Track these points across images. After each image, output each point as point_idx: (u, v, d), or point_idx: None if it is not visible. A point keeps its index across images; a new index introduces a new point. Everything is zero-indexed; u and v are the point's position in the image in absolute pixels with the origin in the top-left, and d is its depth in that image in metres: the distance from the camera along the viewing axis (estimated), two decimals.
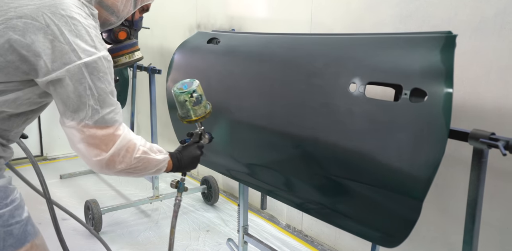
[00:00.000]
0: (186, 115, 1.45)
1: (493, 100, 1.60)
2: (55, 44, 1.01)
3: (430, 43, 1.22)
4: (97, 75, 1.06)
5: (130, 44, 1.43)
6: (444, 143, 1.11)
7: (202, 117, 1.45)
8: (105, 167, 1.13)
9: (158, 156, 1.25)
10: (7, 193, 1.13)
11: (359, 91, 1.28)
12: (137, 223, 2.83)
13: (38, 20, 1.01)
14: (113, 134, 1.11)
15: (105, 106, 1.09)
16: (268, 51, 1.69)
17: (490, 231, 1.64)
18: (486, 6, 1.58)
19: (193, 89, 1.40)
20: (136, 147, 1.17)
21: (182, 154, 1.39)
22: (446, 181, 1.75)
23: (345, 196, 1.42)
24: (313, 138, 1.43)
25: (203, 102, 1.44)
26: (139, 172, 1.22)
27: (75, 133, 1.09)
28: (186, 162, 1.39)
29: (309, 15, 2.35)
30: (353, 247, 2.32)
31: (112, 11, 1.25)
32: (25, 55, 1.02)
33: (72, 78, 1.03)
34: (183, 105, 1.42)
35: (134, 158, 1.16)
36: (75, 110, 1.07)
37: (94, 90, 1.06)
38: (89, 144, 1.10)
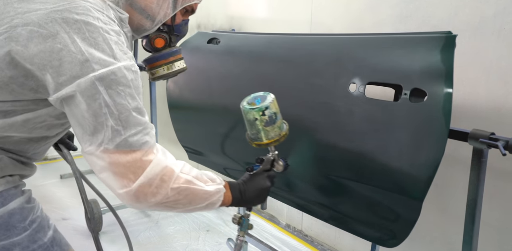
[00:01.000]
0: (255, 137, 1.20)
1: (493, 100, 1.60)
2: (64, 53, 0.85)
3: (430, 43, 1.22)
4: (116, 90, 0.87)
5: (169, 53, 1.20)
6: (444, 143, 1.11)
7: (276, 140, 1.19)
8: (135, 200, 0.92)
9: (209, 186, 1.03)
10: (24, 215, 0.99)
11: (359, 91, 1.28)
12: (137, 223, 2.83)
13: (46, 28, 0.85)
14: (140, 159, 0.91)
15: (128, 127, 0.89)
16: (268, 51, 1.70)
17: (489, 231, 1.64)
18: (485, 6, 1.58)
19: (266, 106, 1.15)
20: (174, 175, 0.95)
21: (246, 185, 1.15)
22: (446, 181, 1.75)
23: (345, 196, 1.42)
24: (313, 138, 1.43)
25: (278, 121, 1.18)
26: (183, 207, 1.00)
27: (96, 161, 0.91)
28: (251, 195, 1.14)
29: (309, 15, 2.35)
30: (353, 247, 2.32)
31: (147, 15, 1.06)
32: (29, 69, 0.86)
33: (83, 94, 0.86)
34: (252, 125, 1.17)
35: (171, 189, 0.95)
36: (92, 132, 0.88)
37: (113, 108, 0.87)
38: (113, 173, 0.90)
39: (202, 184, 1.02)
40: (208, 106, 1.87)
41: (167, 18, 1.11)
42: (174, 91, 2.04)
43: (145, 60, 1.22)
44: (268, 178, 1.21)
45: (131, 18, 1.04)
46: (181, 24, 1.18)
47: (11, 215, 0.97)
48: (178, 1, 1.10)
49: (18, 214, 0.98)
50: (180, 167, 0.99)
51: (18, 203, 0.99)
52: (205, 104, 1.88)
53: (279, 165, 1.27)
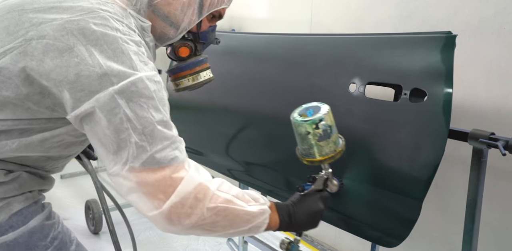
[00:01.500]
0: (307, 153, 1.07)
1: (493, 100, 1.60)
2: (81, 68, 0.79)
3: (430, 43, 1.22)
4: (138, 102, 0.80)
5: (195, 63, 1.11)
6: (444, 143, 1.12)
7: (330, 157, 1.06)
8: (169, 223, 0.83)
9: (251, 207, 0.92)
10: (45, 233, 0.94)
11: (359, 91, 1.28)
12: (137, 222, 2.83)
13: (62, 40, 0.80)
14: (170, 177, 0.82)
15: (154, 142, 0.81)
16: (268, 51, 1.70)
17: (489, 230, 1.65)
18: (485, 6, 1.58)
19: (320, 118, 1.02)
20: (209, 193, 0.86)
21: (296, 207, 1.03)
22: (446, 181, 1.76)
23: (344, 195, 1.42)
24: None
25: (333, 135, 1.05)
26: (223, 230, 0.89)
27: (122, 182, 0.82)
28: (302, 219, 1.02)
29: (309, 16, 2.36)
30: (353, 246, 2.32)
31: (170, 22, 0.99)
32: (45, 86, 0.81)
33: (102, 109, 0.79)
34: (304, 139, 1.05)
35: (207, 209, 0.85)
36: (115, 151, 0.81)
37: (136, 122, 0.80)
38: (142, 194, 0.82)
39: (243, 203, 0.91)
40: (208, 106, 1.87)
41: (192, 25, 1.03)
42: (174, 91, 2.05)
43: (169, 70, 1.14)
44: (320, 200, 1.07)
45: (153, 26, 0.98)
46: (208, 31, 1.09)
47: (31, 233, 0.93)
48: (204, 6, 1.02)
49: (38, 232, 0.94)
50: (217, 185, 0.90)
51: (38, 221, 0.94)
52: (205, 104, 1.89)
53: (333, 184, 1.15)
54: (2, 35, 0.85)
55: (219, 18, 1.11)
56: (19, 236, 0.91)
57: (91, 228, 2.70)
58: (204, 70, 1.14)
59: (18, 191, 0.93)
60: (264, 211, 0.95)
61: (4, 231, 0.90)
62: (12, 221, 0.90)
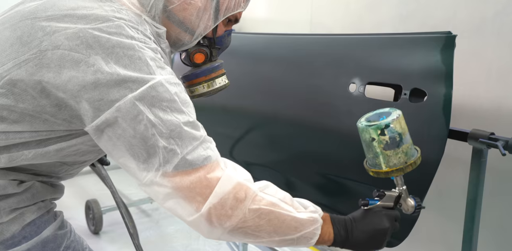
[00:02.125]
0: (373, 163, 0.97)
1: (493, 100, 1.60)
2: (99, 76, 0.76)
3: (429, 43, 1.22)
4: (160, 106, 0.78)
5: (210, 69, 1.07)
6: (444, 143, 1.12)
7: (399, 169, 0.94)
8: (209, 226, 0.80)
9: (300, 214, 0.86)
10: (58, 242, 0.93)
11: (359, 91, 1.29)
12: (137, 222, 2.83)
13: (78, 50, 0.77)
14: (206, 177, 0.79)
15: (183, 144, 0.79)
16: (268, 51, 1.70)
17: (489, 230, 1.65)
18: (485, 6, 1.59)
19: (387, 123, 0.92)
20: (250, 193, 0.82)
21: (356, 222, 0.93)
22: (445, 181, 1.76)
23: (344, 196, 1.42)
24: (313, 138, 1.43)
25: (404, 145, 0.94)
26: (268, 236, 0.84)
27: (158, 189, 0.80)
28: (361, 236, 0.91)
29: (309, 16, 2.36)
30: None
31: (185, 28, 0.97)
32: (62, 98, 0.79)
33: (125, 118, 0.77)
34: (369, 146, 0.96)
35: (249, 211, 0.81)
36: (145, 159, 0.79)
37: (161, 127, 0.78)
38: (179, 200, 0.80)
39: (291, 209, 0.86)
40: (208, 106, 1.87)
41: (208, 30, 1.00)
42: None
43: (184, 76, 1.10)
44: (386, 218, 0.95)
45: (168, 32, 0.96)
46: (223, 35, 1.06)
47: (45, 243, 0.92)
48: (220, 11, 0.98)
49: (52, 242, 0.93)
50: (261, 186, 0.86)
51: (51, 230, 0.93)
52: (205, 104, 1.89)
53: (408, 204, 0.98)
54: (16, 46, 0.82)
55: (235, 22, 1.07)
56: (32, 246, 0.90)
57: (91, 228, 2.70)
58: (220, 76, 1.10)
59: (31, 201, 0.91)
60: (315, 219, 0.88)
61: (18, 242, 0.88)
62: (25, 232, 0.89)
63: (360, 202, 0.98)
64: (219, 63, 1.10)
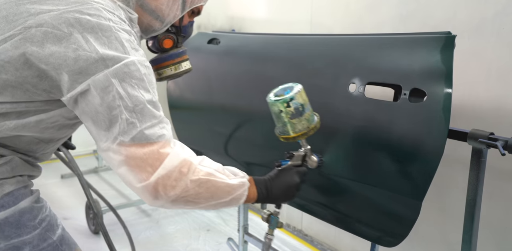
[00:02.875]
0: (282, 130, 1.15)
1: (492, 100, 1.60)
2: (79, 53, 0.86)
3: (429, 44, 1.22)
4: (130, 82, 0.88)
5: (177, 54, 1.21)
6: (443, 143, 1.12)
7: (303, 134, 1.13)
8: (154, 194, 0.90)
9: (232, 180, 1.00)
10: (34, 214, 1.00)
11: (359, 91, 1.29)
12: (137, 222, 2.83)
13: (60, 29, 0.87)
14: (158, 151, 0.90)
15: (144, 119, 0.89)
16: (268, 51, 1.70)
17: (489, 230, 1.65)
18: (485, 6, 1.59)
19: (291, 97, 1.09)
20: (193, 167, 0.94)
21: (273, 180, 1.11)
22: (445, 180, 1.76)
23: (344, 195, 1.42)
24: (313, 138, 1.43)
25: (306, 113, 1.12)
26: (205, 201, 0.97)
27: (112, 156, 0.89)
28: (278, 192, 1.09)
29: (309, 16, 2.36)
30: (352, 246, 2.32)
31: (156, 16, 1.08)
32: (44, 70, 0.87)
33: (96, 87, 0.87)
34: (278, 117, 1.12)
35: (191, 181, 0.93)
36: (107, 127, 0.88)
37: (127, 100, 0.88)
38: (131, 167, 0.89)
39: (224, 176, 1.00)
40: (208, 106, 1.88)
41: (176, 19, 1.13)
42: (175, 91, 2.05)
43: (152, 60, 1.21)
44: (297, 174, 1.14)
45: (140, 19, 1.06)
46: (188, 25, 1.20)
47: (22, 214, 0.98)
48: (186, 2, 1.11)
49: (28, 213, 0.98)
50: (199, 160, 0.98)
51: (28, 202, 0.99)
52: (205, 104, 1.89)
53: (312, 160, 1.19)
54: (1, 24, 0.91)
55: (197, 14, 1.21)
56: (10, 215, 0.96)
57: (92, 227, 2.70)
58: (185, 61, 1.23)
59: (10, 173, 0.98)
60: (244, 183, 1.03)
61: None
62: (3, 201, 0.95)
63: (275, 164, 1.15)
64: (184, 49, 1.23)
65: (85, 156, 4.03)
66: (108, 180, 3.55)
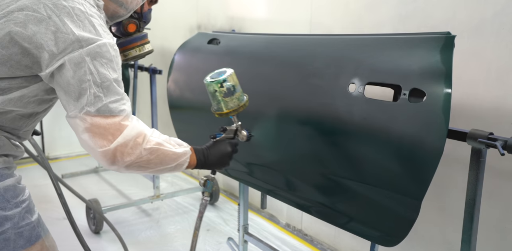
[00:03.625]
0: (217, 108, 1.34)
1: (491, 100, 1.61)
2: (58, 35, 0.99)
3: (429, 44, 1.23)
4: (100, 61, 1.02)
5: (140, 37, 1.38)
6: (443, 143, 1.12)
7: (234, 110, 1.33)
8: (112, 159, 1.04)
9: (177, 149, 1.16)
10: (16, 193, 1.10)
11: (359, 91, 1.29)
12: (138, 222, 2.84)
13: (40, 12, 1.00)
14: (119, 123, 1.04)
15: (109, 94, 1.03)
16: (268, 51, 1.70)
17: (488, 230, 1.65)
18: (484, 7, 1.59)
19: (224, 79, 1.29)
20: (146, 138, 1.09)
21: (209, 150, 1.28)
22: (444, 180, 1.76)
23: (344, 195, 1.43)
24: (312, 138, 1.44)
25: (237, 93, 1.32)
26: (154, 166, 1.12)
27: (78, 122, 1.03)
28: (214, 159, 1.27)
29: (309, 16, 2.36)
30: (352, 246, 2.33)
31: (121, 3, 1.22)
32: (26, 48, 1.00)
33: (70, 62, 1.00)
34: (213, 96, 1.32)
35: (144, 149, 1.07)
36: (76, 97, 1.02)
37: (96, 76, 1.01)
38: (94, 134, 1.03)
39: (171, 146, 1.15)
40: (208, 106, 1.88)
41: (138, 6, 1.28)
42: (175, 92, 2.05)
43: (118, 43, 1.35)
44: (229, 145, 1.32)
45: (106, 6, 1.19)
46: (147, 12, 1.37)
47: (6, 190, 1.08)
48: None
49: (12, 191, 1.09)
50: (151, 132, 1.13)
51: (13, 181, 1.10)
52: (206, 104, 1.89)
53: (242, 134, 1.39)
54: None
55: (155, 2, 1.37)
56: None
57: (92, 227, 2.70)
58: (147, 43, 1.40)
59: None
60: (187, 152, 1.19)
61: None
62: None
63: (210, 136, 1.35)
64: (145, 33, 1.40)
65: (86, 156, 4.03)
66: (109, 180, 3.55)
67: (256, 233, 2.51)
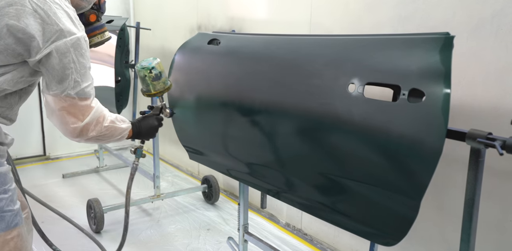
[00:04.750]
0: (146, 89, 1.66)
1: (490, 100, 1.61)
2: (44, 26, 1.19)
3: (428, 44, 1.23)
4: (80, 52, 1.24)
5: (100, 26, 1.58)
6: (442, 143, 1.13)
7: (160, 92, 1.66)
8: (79, 133, 1.31)
9: (122, 125, 1.46)
10: (6, 181, 1.27)
11: (358, 92, 1.30)
12: (138, 222, 2.85)
13: (26, 6, 1.18)
14: (89, 105, 1.30)
15: (85, 80, 1.27)
16: (268, 51, 1.71)
17: (487, 229, 1.66)
18: (483, 7, 1.60)
19: (152, 66, 1.61)
20: (106, 117, 1.37)
21: (140, 123, 1.60)
22: (444, 180, 1.77)
23: (343, 195, 1.43)
24: (312, 138, 1.44)
25: (163, 78, 1.64)
26: (107, 139, 1.42)
27: (57, 101, 1.26)
28: (144, 131, 1.60)
29: (308, 16, 2.37)
30: (351, 245, 2.33)
31: None
32: (20, 38, 1.18)
33: (58, 51, 1.21)
34: (143, 80, 1.62)
35: (103, 127, 1.36)
36: (59, 80, 1.24)
37: (77, 64, 1.24)
38: (69, 113, 1.27)
39: (119, 123, 1.44)
40: (208, 106, 1.89)
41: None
42: (175, 91, 2.06)
43: None
44: (156, 120, 1.66)
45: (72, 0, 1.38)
46: (103, 3, 1.58)
47: None
48: None
49: (2, 178, 1.26)
50: (107, 112, 1.40)
51: (4, 170, 1.27)
52: (206, 104, 1.90)
53: (166, 112, 1.75)
54: None
55: None
56: None
57: (93, 227, 2.71)
58: (106, 31, 1.61)
59: None
60: (128, 127, 1.49)
61: None
62: None
63: (140, 112, 1.69)
64: (104, 22, 1.61)
65: (86, 156, 4.04)
66: (109, 180, 3.56)
67: (256, 233, 2.52)
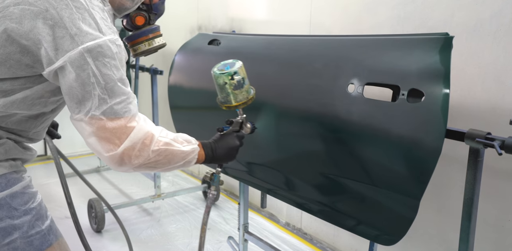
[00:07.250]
0: (225, 100, 1.30)
1: (489, 100, 1.62)
2: (56, 30, 0.93)
3: (427, 45, 1.24)
4: (102, 61, 0.96)
5: (149, 30, 1.29)
6: (441, 143, 1.13)
7: (243, 103, 1.30)
8: (120, 162, 1.01)
9: (185, 147, 1.13)
10: (25, 199, 1.06)
11: (358, 92, 1.30)
12: (139, 221, 2.85)
13: (36, 5, 0.93)
14: (125, 126, 1.00)
15: (114, 96, 0.98)
16: (268, 52, 1.72)
17: (486, 229, 1.67)
18: (482, 8, 1.60)
19: (235, 71, 1.25)
20: (154, 139, 1.05)
21: (217, 144, 1.25)
22: (443, 180, 1.78)
23: (343, 194, 1.44)
24: (312, 138, 1.45)
25: (245, 86, 1.29)
26: (163, 166, 1.10)
27: (84, 126, 0.99)
28: (221, 153, 1.25)
29: (308, 17, 2.37)
30: (351, 244, 2.34)
31: None
32: (25, 45, 0.95)
33: (73, 65, 0.94)
34: (222, 89, 1.27)
35: (152, 151, 1.04)
36: (80, 100, 0.97)
37: (100, 78, 0.96)
38: (100, 138, 0.99)
39: (179, 145, 1.12)
40: (209, 106, 1.89)
41: None
42: (176, 92, 2.06)
43: (127, 37, 1.31)
44: (237, 138, 1.30)
45: None
46: (158, 3, 1.29)
47: (13, 198, 1.04)
48: None
49: (19, 198, 1.05)
50: (159, 132, 1.09)
51: (20, 187, 1.06)
52: (206, 104, 1.90)
53: (247, 127, 1.38)
54: None
55: None
56: (1, 198, 1.02)
57: (94, 226, 2.72)
58: (158, 36, 1.32)
59: (3, 156, 1.05)
60: (195, 149, 1.16)
61: None
62: None
63: (218, 129, 1.31)
64: (156, 26, 1.32)
65: (87, 156, 4.04)
66: (110, 179, 3.56)
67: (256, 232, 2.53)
